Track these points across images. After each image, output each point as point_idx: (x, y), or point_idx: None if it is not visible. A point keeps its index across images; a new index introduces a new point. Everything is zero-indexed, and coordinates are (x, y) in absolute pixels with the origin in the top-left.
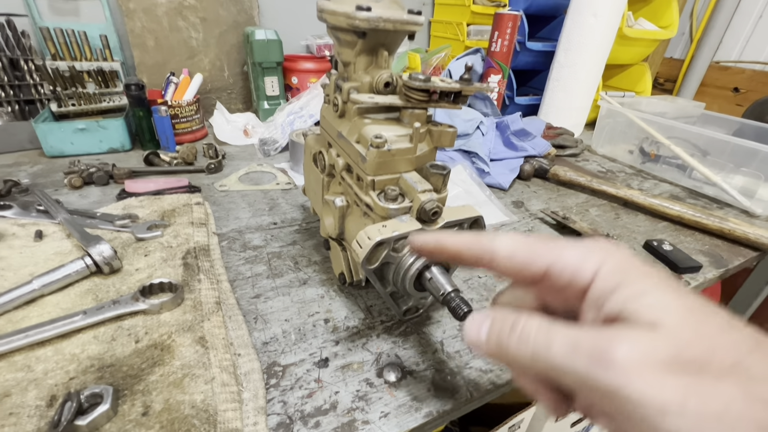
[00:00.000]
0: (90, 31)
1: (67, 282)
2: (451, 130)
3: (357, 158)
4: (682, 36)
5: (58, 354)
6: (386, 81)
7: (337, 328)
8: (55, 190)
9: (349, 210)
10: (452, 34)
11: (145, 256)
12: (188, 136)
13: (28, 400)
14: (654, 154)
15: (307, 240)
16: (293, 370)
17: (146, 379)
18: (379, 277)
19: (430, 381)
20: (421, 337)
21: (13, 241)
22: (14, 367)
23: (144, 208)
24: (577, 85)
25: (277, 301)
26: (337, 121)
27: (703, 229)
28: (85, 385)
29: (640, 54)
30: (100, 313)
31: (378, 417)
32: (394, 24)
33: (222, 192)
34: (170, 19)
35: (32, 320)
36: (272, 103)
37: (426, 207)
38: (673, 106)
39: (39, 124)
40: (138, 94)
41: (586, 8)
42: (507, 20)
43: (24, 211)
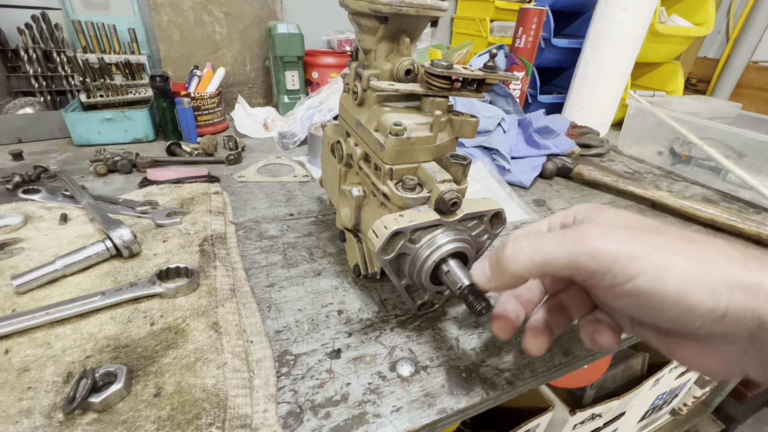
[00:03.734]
0: (119, 25)
1: (88, 264)
2: (473, 119)
3: (375, 147)
4: (718, 34)
5: (77, 333)
6: (407, 68)
7: (350, 319)
8: (81, 176)
9: (365, 200)
10: (475, 30)
11: (163, 241)
12: (209, 128)
13: (46, 375)
14: (685, 155)
15: (323, 232)
16: (305, 360)
17: (160, 361)
18: (394, 269)
19: (444, 377)
20: (436, 333)
21: (39, 223)
22: (34, 343)
23: (164, 195)
24: (604, 84)
25: (291, 291)
26: (356, 109)
27: (739, 233)
28: (100, 364)
29: (672, 52)
30: (118, 294)
31: (389, 411)
32: (417, 9)
33: (240, 183)
34: (195, 14)
35: (54, 299)
36: (292, 97)
37: (445, 197)
38: (707, 106)
39: (69, 113)
40: (162, 85)
41: (616, 3)
42: (532, 16)
43: (51, 195)
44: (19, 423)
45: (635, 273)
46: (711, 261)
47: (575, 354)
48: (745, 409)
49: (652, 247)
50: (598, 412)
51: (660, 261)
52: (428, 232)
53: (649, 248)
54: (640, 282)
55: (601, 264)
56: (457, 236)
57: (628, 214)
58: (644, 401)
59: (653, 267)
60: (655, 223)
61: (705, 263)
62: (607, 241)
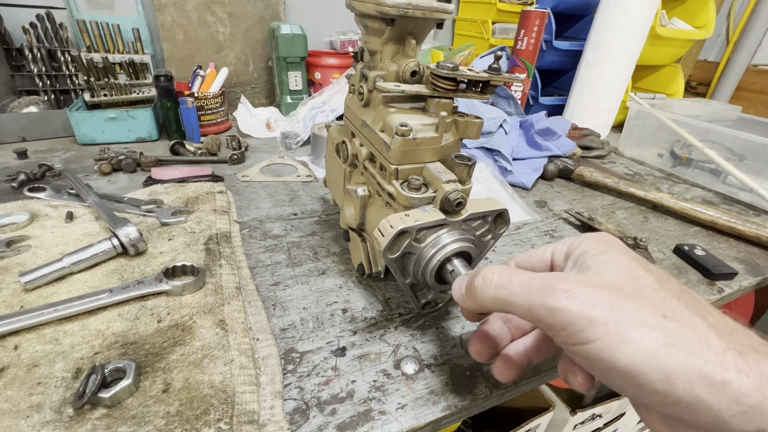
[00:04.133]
0: (123, 25)
1: (95, 261)
2: (478, 121)
3: (381, 147)
4: (718, 37)
5: (85, 329)
6: (413, 70)
7: (354, 318)
8: (85, 175)
9: (370, 200)
10: (477, 32)
11: (168, 240)
12: (213, 128)
13: (56, 371)
14: (685, 157)
15: (327, 231)
16: (310, 357)
17: (167, 357)
18: (399, 268)
19: (448, 375)
20: (439, 332)
21: (45, 221)
22: (43, 340)
23: (169, 194)
24: (605, 86)
25: (295, 290)
26: (362, 110)
27: (739, 235)
28: (109, 360)
29: (672, 55)
30: (125, 292)
31: (395, 408)
32: (424, 11)
33: (244, 182)
34: (199, 14)
35: (61, 296)
36: (295, 97)
37: (450, 197)
38: (708, 108)
39: (73, 112)
40: (166, 85)
41: (617, 6)
42: (534, 18)
43: (56, 193)
44: (30, 417)
45: (590, 338)
46: (680, 344)
47: None
48: None
49: (618, 314)
50: (599, 413)
51: (619, 331)
52: (433, 231)
53: (613, 315)
54: (593, 348)
55: (557, 321)
56: (461, 236)
57: (628, 263)
58: None
59: (610, 336)
60: (650, 281)
61: (671, 345)
62: (570, 300)
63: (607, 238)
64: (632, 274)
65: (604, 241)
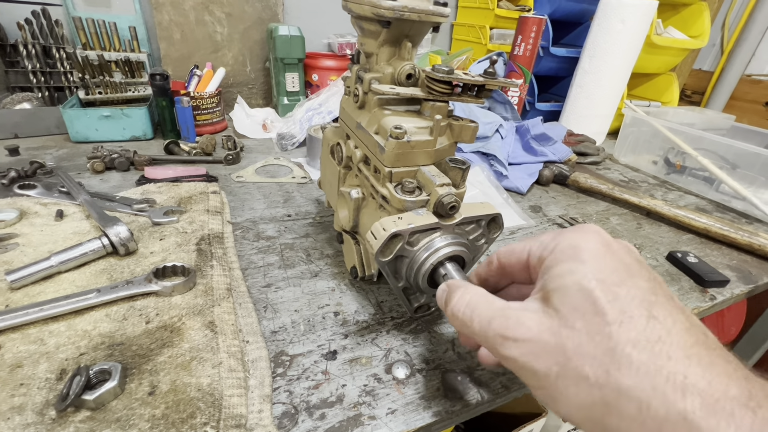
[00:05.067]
0: (120, 23)
1: (84, 260)
2: (473, 125)
3: (375, 149)
4: (713, 47)
5: (71, 329)
6: (409, 72)
7: (346, 321)
8: (78, 173)
9: (364, 202)
10: (474, 37)
11: (160, 240)
12: (208, 128)
13: (39, 372)
14: (680, 165)
15: (320, 233)
16: (301, 361)
17: (154, 359)
18: (392, 271)
19: (439, 380)
20: (431, 336)
21: (35, 219)
22: (28, 340)
23: (162, 194)
24: (601, 93)
25: (287, 292)
26: (357, 112)
27: (731, 243)
28: (94, 361)
29: (667, 63)
30: (114, 292)
31: (385, 413)
32: (420, 14)
33: (238, 183)
34: (197, 14)
35: (48, 295)
36: (292, 98)
37: (444, 201)
38: (702, 117)
39: (67, 109)
40: (162, 84)
41: (614, 14)
42: (531, 24)
43: (47, 191)
44: (10, 420)
45: (535, 386)
46: (602, 411)
47: None
48: None
49: (561, 367)
50: None
51: (557, 386)
52: (426, 235)
53: (554, 368)
54: (538, 394)
55: (509, 366)
56: (454, 240)
57: (589, 292)
58: None
59: (551, 388)
60: (611, 316)
61: (605, 405)
62: (518, 351)
63: (582, 242)
64: (592, 308)
65: (577, 246)
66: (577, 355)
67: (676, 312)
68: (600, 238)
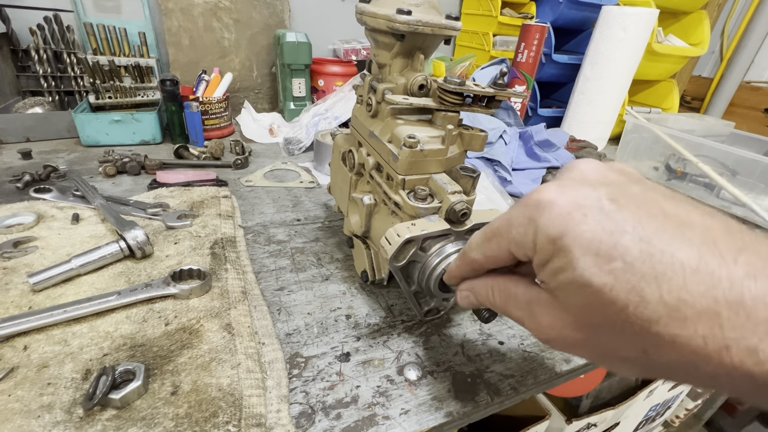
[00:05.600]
0: (130, 28)
1: (102, 263)
2: (482, 134)
3: (388, 157)
4: (712, 54)
5: (93, 331)
6: (421, 83)
7: (358, 324)
8: (89, 177)
9: (376, 208)
10: (478, 43)
11: (174, 243)
12: (216, 132)
13: (65, 372)
14: (680, 171)
15: (330, 237)
16: (315, 362)
17: (175, 360)
18: (404, 276)
19: (450, 382)
20: (441, 339)
21: (52, 222)
22: (52, 341)
23: (174, 198)
24: (603, 99)
25: (300, 295)
26: (370, 120)
27: None
28: (117, 362)
29: (668, 70)
30: (133, 294)
31: (398, 413)
32: (433, 28)
33: (248, 187)
34: (205, 20)
35: (69, 297)
36: (298, 104)
37: (456, 208)
38: (701, 124)
39: (78, 114)
40: (172, 89)
41: (615, 22)
42: (534, 32)
43: (62, 195)
44: (41, 417)
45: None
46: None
47: (576, 362)
48: (736, 423)
49: (598, 356)
50: (594, 422)
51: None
52: (438, 241)
53: (594, 357)
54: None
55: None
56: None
57: (590, 293)
58: (638, 412)
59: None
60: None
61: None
62: (556, 346)
63: (559, 227)
64: (599, 301)
65: (557, 237)
66: (607, 349)
67: (686, 247)
68: (571, 205)
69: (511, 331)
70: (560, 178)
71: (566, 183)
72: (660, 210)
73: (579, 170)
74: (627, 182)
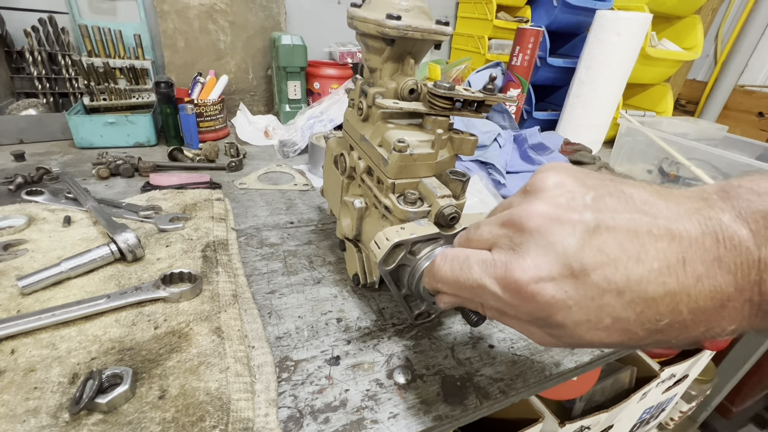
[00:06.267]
0: (125, 30)
1: (93, 266)
2: (472, 138)
3: (379, 161)
4: (706, 58)
5: (82, 334)
6: (411, 88)
7: (349, 327)
8: (83, 179)
9: (367, 212)
10: (473, 47)
11: (166, 246)
12: (211, 135)
13: (52, 376)
14: (673, 174)
15: (323, 240)
16: (305, 366)
17: (164, 364)
18: (394, 279)
19: (439, 385)
20: (432, 342)
21: (43, 225)
22: (40, 344)
23: (167, 201)
24: (597, 103)
25: (291, 298)
26: (361, 124)
27: None
28: (105, 366)
29: (662, 74)
30: (123, 298)
31: (387, 417)
32: (423, 33)
33: (241, 190)
34: (201, 22)
35: (58, 301)
36: (294, 106)
37: (445, 212)
38: (695, 127)
39: (72, 116)
40: (167, 91)
41: (609, 27)
42: (529, 35)
43: (54, 197)
44: (26, 422)
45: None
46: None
47: (566, 365)
48: (730, 425)
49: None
50: (587, 425)
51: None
52: (428, 244)
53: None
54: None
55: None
56: None
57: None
58: (632, 415)
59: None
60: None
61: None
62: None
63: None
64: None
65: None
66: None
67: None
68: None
69: (502, 335)
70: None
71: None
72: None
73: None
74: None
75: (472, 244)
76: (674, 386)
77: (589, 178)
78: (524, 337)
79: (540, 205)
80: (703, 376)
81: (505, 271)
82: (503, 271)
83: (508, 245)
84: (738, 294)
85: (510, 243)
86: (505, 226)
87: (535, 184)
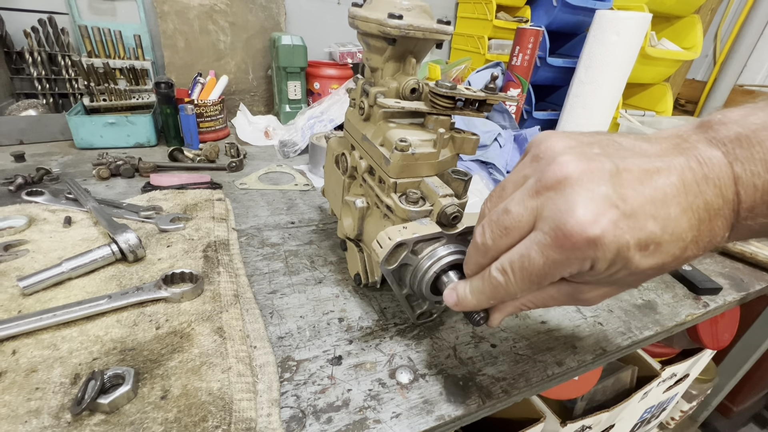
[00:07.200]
0: (125, 31)
1: (94, 267)
2: (474, 137)
3: (380, 161)
4: (706, 58)
5: (83, 335)
6: (413, 87)
7: (351, 327)
8: (83, 180)
9: (368, 211)
10: (473, 47)
11: (167, 246)
12: (211, 135)
13: (54, 376)
14: None
15: (324, 240)
16: (307, 366)
17: (166, 364)
18: (396, 279)
19: (442, 385)
20: (434, 342)
21: (43, 225)
22: (41, 345)
23: (168, 201)
24: (597, 102)
25: (292, 298)
26: (362, 124)
27: (724, 251)
28: (107, 366)
29: (661, 74)
30: (124, 298)
31: (389, 417)
32: (424, 32)
33: (242, 190)
34: (201, 22)
35: (60, 301)
36: (294, 106)
37: (447, 211)
38: None
39: (72, 116)
40: (167, 92)
41: (609, 27)
42: (529, 35)
43: (54, 198)
44: (28, 423)
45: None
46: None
47: (568, 365)
48: (731, 425)
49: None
50: (589, 424)
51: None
52: (430, 244)
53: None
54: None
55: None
56: (457, 249)
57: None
58: (633, 414)
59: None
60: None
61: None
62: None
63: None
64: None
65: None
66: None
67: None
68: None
69: (504, 334)
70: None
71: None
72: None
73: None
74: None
75: (513, 233)
76: (675, 386)
77: (583, 135)
78: (526, 337)
79: (566, 164)
80: (703, 376)
81: (563, 234)
82: (562, 234)
83: (552, 209)
84: (725, 205)
85: (553, 207)
86: (539, 195)
87: (545, 151)
